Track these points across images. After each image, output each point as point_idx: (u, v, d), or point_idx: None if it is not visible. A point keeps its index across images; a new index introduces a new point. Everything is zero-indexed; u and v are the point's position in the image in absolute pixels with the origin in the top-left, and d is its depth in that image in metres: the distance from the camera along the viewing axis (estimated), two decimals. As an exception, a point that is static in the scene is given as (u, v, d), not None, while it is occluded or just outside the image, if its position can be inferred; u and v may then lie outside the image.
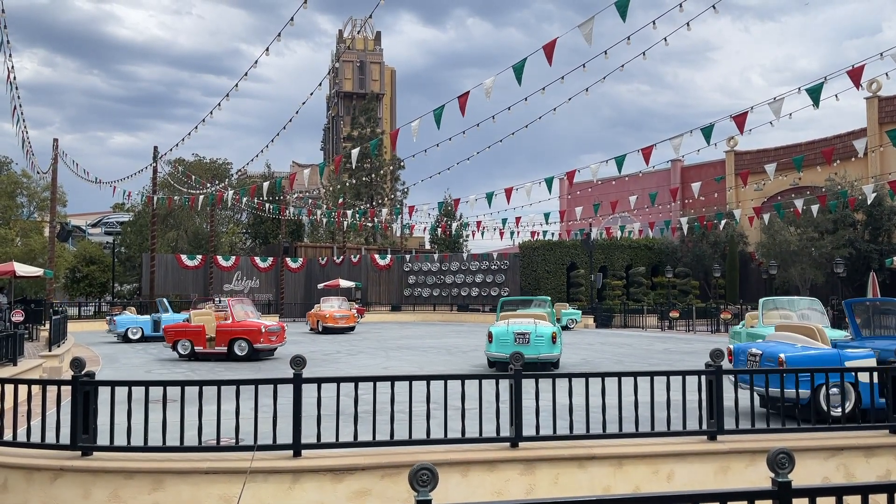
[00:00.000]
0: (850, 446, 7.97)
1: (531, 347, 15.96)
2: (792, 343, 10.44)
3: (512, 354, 7.78)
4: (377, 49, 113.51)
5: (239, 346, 19.55)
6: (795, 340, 10.44)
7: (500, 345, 16.08)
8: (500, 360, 15.86)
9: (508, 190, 23.85)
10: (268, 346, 19.85)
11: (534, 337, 16.17)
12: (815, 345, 10.17)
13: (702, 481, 7.53)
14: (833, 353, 9.67)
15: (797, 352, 9.86)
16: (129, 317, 28.11)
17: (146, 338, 26.65)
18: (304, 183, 26.30)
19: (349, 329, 32.30)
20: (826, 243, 36.41)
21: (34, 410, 7.64)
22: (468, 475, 7.20)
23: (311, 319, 34.02)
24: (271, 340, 19.87)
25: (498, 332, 16.38)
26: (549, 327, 16.59)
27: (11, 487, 6.93)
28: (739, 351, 10.99)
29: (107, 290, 49.97)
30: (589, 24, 12.23)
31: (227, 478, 6.82)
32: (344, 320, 32.03)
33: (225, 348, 19.63)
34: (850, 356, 9.58)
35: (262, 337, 19.45)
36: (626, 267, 44.86)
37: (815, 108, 14.13)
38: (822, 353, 9.75)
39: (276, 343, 20.19)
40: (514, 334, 16.16)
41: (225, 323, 20.02)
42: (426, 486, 3.16)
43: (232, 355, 19.53)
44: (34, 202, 47.31)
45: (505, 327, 16.49)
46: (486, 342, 16.63)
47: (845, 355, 9.59)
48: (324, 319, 31.73)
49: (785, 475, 3.33)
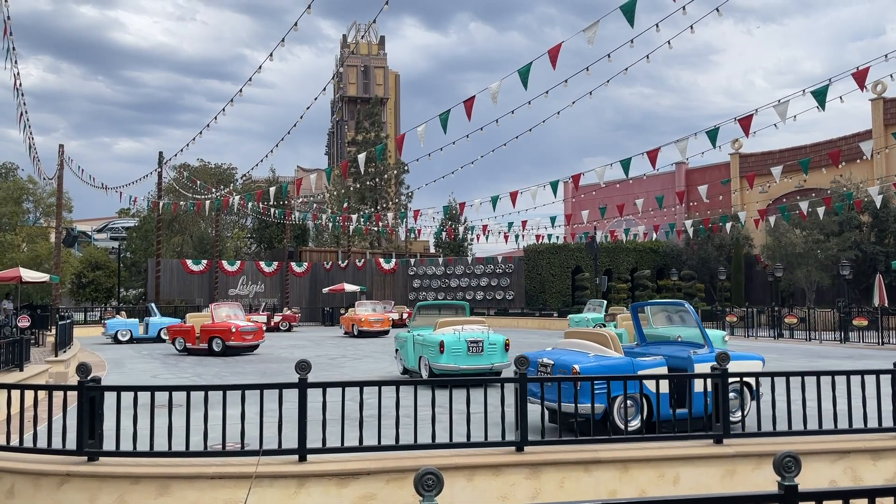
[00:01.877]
0: (856, 449, 7.93)
1: (484, 357, 14.65)
2: (585, 352, 9.83)
3: (517, 358, 7.76)
4: (381, 53, 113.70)
5: (216, 343, 22.61)
6: (588, 349, 9.86)
7: (453, 356, 14.39)
8: (452, 372, 14.17)
9: (514, 193, 23.87)
10: (240, 344, 22.49)
11: (487, 345, 14.75)
12: (607, 353, 9.59)
13: (708, 485, 7.50)
14: (626, 362, 9.24)
15: (591, 361, 9.27)
16: (119, 320, 30.28)
17: (135, 339, 29.23)
18: (309, 187, 26.39)
19: (384, 333, 32.39)
20: (832, 245, 36.30)
21: (40, 416, 7.66)
22: (473, 479, 7.19)
23: (345, 323, 33.98)
24: (245, 339, 22.58)
25: (450, 340, 14.54)
26: (501, 335, 15.35)
27: (18, 493, 6.94)
28: (533, 362, 9.91)
29: (112, 295, 50.09)
30: (593, 27, 12.24)
31: (232, 483, 6.83)
32: (379, 324, 32.23)
33: (206, 345, 22.82)
34: (642, 364, 9.25)
35: (232, 336, 22.36)
36: (631, 270, 44.79)
37: (822, 111, 14.11)
38: (616, 362, 9.25)
39: (251, 341, 22.89)
40: (468, 342, 14.58)
41: (207, 324, 23.01)
42: (432, 490, 3.16)
43: (211, 351, 22.65)
44: (40, 208, 47.54)
45: (455, 335, 14.75)
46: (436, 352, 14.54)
47: (638, 364, 9.23)
48: (359, 323, 31.78)
49: (791, 479, 3.32)
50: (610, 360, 9.26)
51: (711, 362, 8.55)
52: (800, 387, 8.22)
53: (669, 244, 45.16)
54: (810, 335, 27.97)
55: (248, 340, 22.58)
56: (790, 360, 20.72)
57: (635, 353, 9.91)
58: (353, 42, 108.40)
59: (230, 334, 22.34)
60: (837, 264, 33.77)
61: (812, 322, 28.43)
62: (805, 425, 8.27)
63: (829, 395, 8.20)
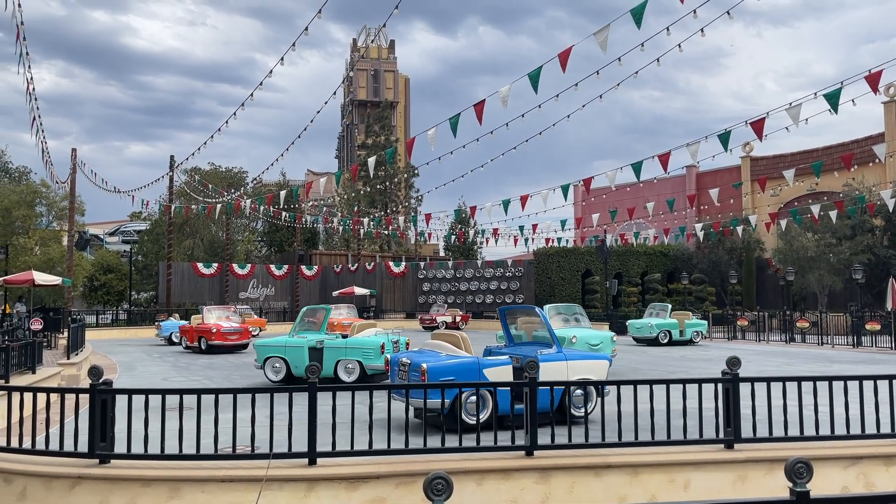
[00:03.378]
0: (869, 455, 7.87)
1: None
2: (438, 352, 10.62)
3: (527, 363, 7.75)
4: (391, 57, 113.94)
5: (202, 342, 24.92)
6: (442, 349, 10.65)
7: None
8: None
9: (524, 197, 23.84)
10: (222, 343, 24.61)
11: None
12: (458, 353, 10.38)
13: (719, 490, 7.46)
14: (472, 362, 9.99)
15: (440, 361, 9.98)
16: (173, 322, 30.39)
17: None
18: (319, 191, 26.52)
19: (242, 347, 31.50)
20: (844, 249, 36.05)
21: (53, 418, 7.71)
22: (483, 483, 7.18)
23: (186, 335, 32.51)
24: (228, 339, 24.75)
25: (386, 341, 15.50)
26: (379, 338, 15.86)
27: (30, 495, 6.99)
28: (394, 361, 10.91)
29: (124, 298, 50.38)
30: (604, 31, 12.23)
31: (243, 486, 6.84)
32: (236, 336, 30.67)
33: (196, 343, 25.24)
34: (487, 364, 10.01)
35: (214, 336, 24.57)
36: (641, 273, 44.63)
37: (835, 114, 14.00)
38: (461, 361, 10.00)
39: (236, 341, 24.91)
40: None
41: (198, 325, 25.42)
42: (441, 494, 3.16)
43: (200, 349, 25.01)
44: (53, 211, 47.80)
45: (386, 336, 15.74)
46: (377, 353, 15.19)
47: (483, 363, 10.01)
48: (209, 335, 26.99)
49: (803, 485, 3.30)
50: (457, 360, 10.06)
51: (557, 361, 10.23)
52: (812, 392, 8.16)
53: (680, 247, 44.97)
54: (822, 339, 27.77)
55: (231, 340, 24.78)
56: (802, 364, 20.59)
57: (502, 352, 10.96)
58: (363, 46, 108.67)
59: (212, 335, 24.65)
60: (850, 268, 33.55)
61: (824, 326, 28.24)
62: (817, 430, 8.21)
63: (842, 401, 8.14)
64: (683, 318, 28.77)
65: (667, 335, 27.99)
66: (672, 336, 28.06)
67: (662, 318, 28.22)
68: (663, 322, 27.97)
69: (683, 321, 28.58)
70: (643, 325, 28.29)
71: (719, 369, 8.25)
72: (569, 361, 10.62)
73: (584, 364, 10.69)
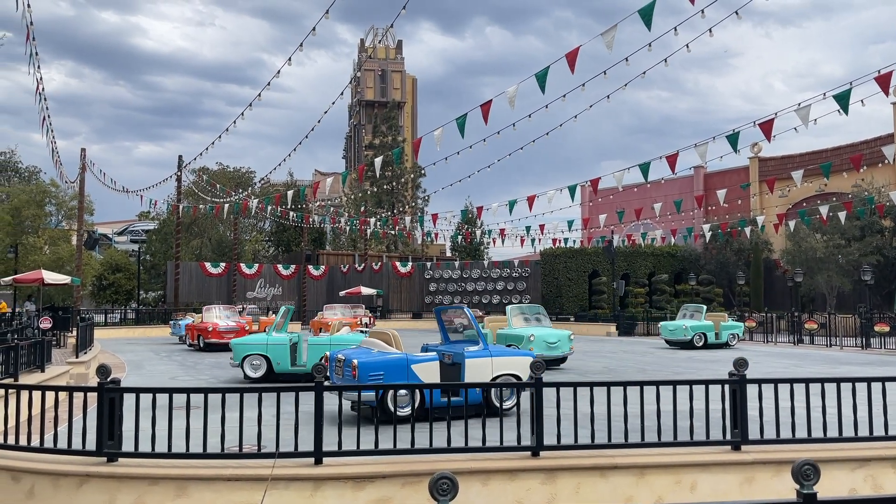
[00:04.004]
0: (877, 457, 7.83)
1: None
2: (370, 349, 11.52)
3: (532, 363, 7.75)
4: (398, 58, 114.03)
5: (200, 340, 26.20)
6: (375, 346, 11.57)
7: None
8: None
9: (531, 197, 23.82)
10: (217, 341, 25.48)
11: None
12: (389, 350, 11.31)
13: (726, 492, 7.44)
14: (401, 358, 10.98)
15: (371, 357, 10.94)
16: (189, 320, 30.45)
17: None
18: (326, 191, 26.55)
19: None
20: (853, 250, 35.86)
21: (61, 416, 7.76)
22: (489, 484, 7.17)
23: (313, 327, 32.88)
24: (224, 337, 25.47)
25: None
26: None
27: (38, 493, 7.02)
28: (332, 358, 11.84)
29: (132, 297, 50.58)
30: (612, 31, 12.21)
31: (249, 485, 6.86)
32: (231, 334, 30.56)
33: (195, 341, 26.55)
34: (415, 360, 11.04)
35: (209, 334, 25.80)
36: (648, 274, 44.52)
37: (845, 115, 13.89)
38: (390, 358, 10.96)
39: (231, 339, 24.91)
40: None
41: (197, 323, 26.89)
42: (446, 494, 3.17)
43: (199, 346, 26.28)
44: (62, 211, 48.06)
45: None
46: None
47: (411, 359, 10.99)
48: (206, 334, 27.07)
49: (810, 487, 3.29)
50: (386, 357, 11.02)
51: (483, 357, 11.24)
52: (819, 394, 8.12)
53: (687, 248, 44.83)
54: (831, 341, 27.61)
55: (226, 338, 25.42)
56: (810, 366, 20.50)
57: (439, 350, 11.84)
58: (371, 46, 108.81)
59: (207, 333, 25.88)
60: (859, 269, 33.36)
61: (833, 328, 28.10)
62: (825, 432, 8.17)
63: (850, 402, 8.10)
64: (719, 320, 27.88)
65: (702, 338, 26.97)
66: (707, 339, 27.05)
67: (697, 320, 27.21)
68: (698, 324, 26.97)
69: (719, 323, 27.67)
70: (677, 328, 27.20)
71: (726, 371, 8.22)
72: (493, 357, 11.55)
73: (506, 360, 11.74)
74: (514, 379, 11.26)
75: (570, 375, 17.61)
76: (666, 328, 27.89)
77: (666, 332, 27.78)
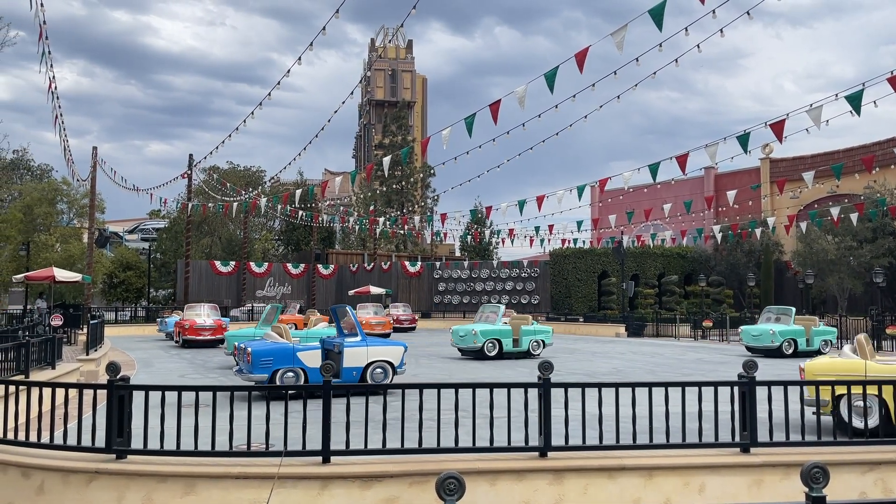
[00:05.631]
0: (887, 461, 7.77)
1: None
2: (265, 339, 14.31)
3: (541, 364, 7.73)
4: (408, 57, 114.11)
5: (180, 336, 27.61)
6: (269, 337, 14.30)
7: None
8: None
9: (540, 198, 23.79)
10: (195, 338, 26.86)
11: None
12: (280, 340, 13.90)
13: (734, 494, 7.40)
14: (288, 347, 13.48)
15: (263, 346, 13.57)
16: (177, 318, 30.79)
17: None
18: (335, 190, 26.63)
19: (385, 336, 32.45)
20: (865, 252, 35.61)
21: (71, 413, 7.80)
22: (496, 484, 7.17)
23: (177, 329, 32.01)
24: (200, 334, 26.98)
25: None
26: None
27: (48, 490, 7.07)
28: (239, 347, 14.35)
29: (143, 295, 50.83)
30: (621, 32, 12.18)
31: (257, 483, 6.89)
32: (380, 326, 32.46)
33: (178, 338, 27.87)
34: (300, 348, 13.54)
35: (187, 332, 27.08)
36: (658, 275, 44.37)
37: (857, 117, 13.79)
38: (279, 346, 13.50)
39: (208, 336, 27.08)
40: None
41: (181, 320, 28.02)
42: (453, 494, 3.17)
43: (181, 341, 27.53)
44: (74, 209, 48.30)
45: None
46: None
47: (297, 348, 13.51)
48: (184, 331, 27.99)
49: (819, 490, 3.27)
50: (275, 345, 13.60)
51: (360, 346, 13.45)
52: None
53: (697, 249, 44.65)
54: (842, 344, 27.43)
55: (202, 335, 27.02)
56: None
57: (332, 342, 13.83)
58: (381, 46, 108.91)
59: (185, 330, 27.11)
60: (870, 271, 33.13)
61: (844, 330, 27.92)
62: (834, 435, 8.13)
63: (860, 405, 8.04)
64: (810, 325, 24.42)
65: (791, 344, 23.56)
66: (798, 345, 23.60)
67: (786, 325, 23.86)
68: (787, 329, 23.61)
69: (810, 328, 24.25)
70: (762, 333, 23.74)
71: (735, 372, 8.19)
72: (368, 347, 13.71)
73: (381, 349, 13.94)
74: (387, 365, 13.73)
75: (579, 376, 17.57)
76: (748, 333, 24.56)
77: (748, 337, 24.51)
